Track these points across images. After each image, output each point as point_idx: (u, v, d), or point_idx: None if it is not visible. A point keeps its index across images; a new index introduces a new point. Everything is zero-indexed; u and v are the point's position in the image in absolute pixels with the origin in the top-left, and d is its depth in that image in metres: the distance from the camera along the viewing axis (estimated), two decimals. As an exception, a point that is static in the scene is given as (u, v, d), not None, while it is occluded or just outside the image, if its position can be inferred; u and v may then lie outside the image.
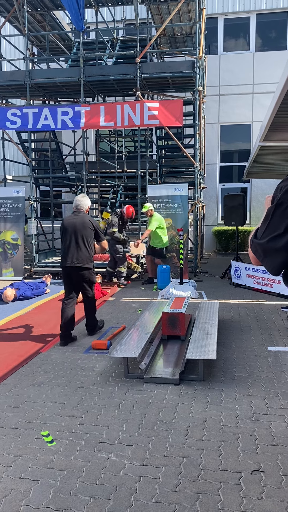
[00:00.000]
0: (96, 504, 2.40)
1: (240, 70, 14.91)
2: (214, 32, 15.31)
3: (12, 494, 2.50)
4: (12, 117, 10.11)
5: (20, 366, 4.54)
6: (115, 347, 4.37)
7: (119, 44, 13.36)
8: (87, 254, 5.34)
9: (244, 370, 4.35)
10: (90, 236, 5.39)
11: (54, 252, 12.32)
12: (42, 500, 2.44)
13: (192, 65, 9.87)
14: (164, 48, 13.34)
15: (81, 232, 5.33)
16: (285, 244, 1.52)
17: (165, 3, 11.06)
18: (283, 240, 1.53)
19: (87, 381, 4.12)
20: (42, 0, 11.14)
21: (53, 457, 2.87)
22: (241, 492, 2.48)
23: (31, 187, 10.73)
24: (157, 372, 4.21)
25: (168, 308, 5.28)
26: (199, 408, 3.52)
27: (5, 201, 10.46)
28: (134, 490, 2.51)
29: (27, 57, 10.49)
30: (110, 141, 14.43)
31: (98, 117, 9.79)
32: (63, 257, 5.35)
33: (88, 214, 5.68)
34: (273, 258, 1.59)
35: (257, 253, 1.64)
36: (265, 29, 15.21)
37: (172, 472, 2.68)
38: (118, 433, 3.15)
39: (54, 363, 4.64)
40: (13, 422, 3.34)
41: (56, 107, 10.10)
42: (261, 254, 1.63)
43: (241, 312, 6.75)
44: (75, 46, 13.20)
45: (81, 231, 5.33)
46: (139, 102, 9.70)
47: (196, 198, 10.44)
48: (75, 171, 13.85)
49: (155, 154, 14.06)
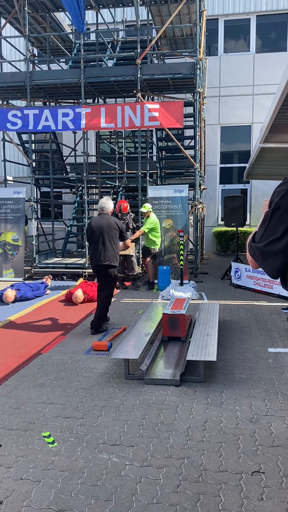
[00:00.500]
0: (97, 505, 2.41)
1: (240, 71, 14.93)
2: (215, 34, 15.33)
3: (13, 495, 2.51)
4: (13, 118, 10.12)
5: (21, 367, 4.55)
6: (115, 348, 4.38)
7: (119, 46, 13.38)
8: (113, 253, 5.75)
9: (244, 371, 4.36)
10: (116, 236, 5.80)
11: (54, 253, 12.34)
12: (44, 501, 2.45)
13: (192, 66, 9.89)
14: (164, 49, 13.36)
15: (108, 232, 5.73)
16: (283, 248, 1.55)
17: (165, 5, 11.09)
18: (281, 244, 1.56)
19: (88, 382, 4.13)
20: (43, 2, 11.16)
21: (55, 458, 2.88)
22: (241, 493, 2.49)
23: (32, 188, 10.75)
24: (158, 373, 4.23)
25: (169, 309, 5.29)
26: (200, 410, 3.53)
27: (5, 202, 10.47)
28: (135, 491, 2.52)
29: (27, 59, 10.51)
30: (110, 142, 14.45)
31: (99, 118, 9.80)
32: (93, 256, 5.78)
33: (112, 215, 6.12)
34: (271, 261, 1.62)
35: (255, 257, 1.67)
36: (265, 30, 15.24)
37: (173, 473, 2.69)
38: (119, 434, 3.17)
39: (55, 364, 4.65)
40: (14, 423, 3.35)
41: (57, 108, 10.11)
42: (259, 257, 1.65)
43: (241, 313, 6.76)
44: (75, 47, 13.22)
45: (108, 232, 5.73)
46: (139, 103, 9.72)
47: (196, 199, 10.45)
48: (75, 172, 13.88)
49: (156, 155, 14.09)
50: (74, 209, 13.19)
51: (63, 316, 6.74)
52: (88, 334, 5.75)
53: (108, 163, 13.38)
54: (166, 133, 10.73)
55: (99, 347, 5.07)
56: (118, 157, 14.15)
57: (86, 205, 10.52)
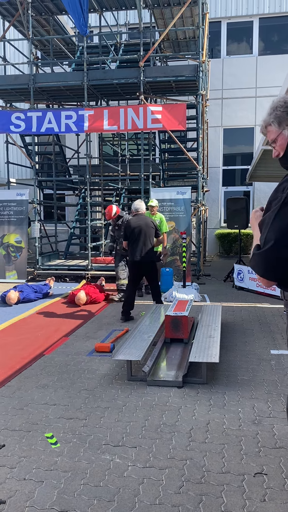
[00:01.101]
0: (100, 506, 2.42)
1: (243, 73, 14.95)
2: (217, 36, 15.37)
3: (16, 495, 2.52)
4: (16, 120, 10.17)
5: (24, 369, 4.57)
6: (118, 349, 4.39)
7: (122, 48, 13.43)
8: (152, 250, 6.56)
9: (247, 373, 4.36)
10: (153, 234, 6.55)
11: (57, 255, 12.36)
12: (47, 501, 2.46)
13: (195, 69, 9.92)
14: (167, 52, 13.40)
15: (146, 231, 6.45)
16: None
17: (168, 8, 11.13)
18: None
19: (90, 384, 4.14)
20: (46, 5, 11.22)
21: (57, 458, 2.89)
22: (244, 494, 2.49)
23: (35, 190, 10.79)
24: (160, 375, 4.23)
25: (171, 311, 5.30)
26: (202, 411, 3.53)
27: (9, 204, 10.51)
28: (137, 492, 2.53)
29: (31, 61, 10.56)
30: (113, 145, 14.49)
31: (102, 120, 9.84)
32: (133, 253, 6.42)
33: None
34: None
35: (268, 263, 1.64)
36: (268, 33, 15.26)
37: (176, 474, 2.69)
38: (121, 435, 3.17)
39: (57, 365, 4.66)
40: (17, 424, 3.37)
41: (60, 111, 10.15)
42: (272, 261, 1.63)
43: (244, 315, 6.76)
44: (78, 50, 13.28)
45: (146, 231, 6.45)
46: (142, 106, 9.75)
47: (199, 201, 10.47)
48: (78, 174, 13.90)
49: (158, 158, 14.11)
50: (77, 211, 13.22)
51: (66, 318, 6.76)
52: (90, 335, 5.77)
53: (111, 165, 13.41)
54: (169, 135, 10.75)
55: (102, 348, 5.08)
56: (121, 159, 14.19)
57: (89, 207, 10.55)
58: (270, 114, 1.87)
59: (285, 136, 1.83)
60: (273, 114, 1.85)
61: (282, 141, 1.85)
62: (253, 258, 1.71)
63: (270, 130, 1.88)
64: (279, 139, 1.85)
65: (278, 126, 1.84)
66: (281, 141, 1.85)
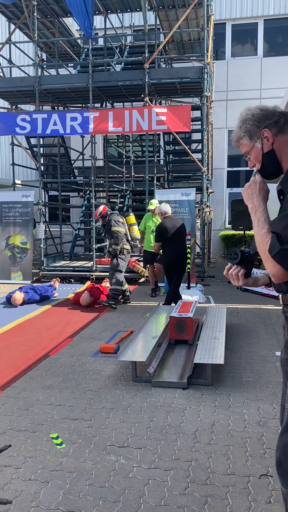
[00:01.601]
0: (105, 506, 2.42)
1: (247, 75, 14.94)
2: (222, 38, 15.37)
3: (22, 495, 2.53)
4: (22, 122, 10.22)
5: (29, 369, 4.58)
6: (123, 351, 4.40)
7: (127, 50, 13.47)
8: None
9: (252, 374, 4.36)
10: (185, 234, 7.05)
11: (62, 256, 12.40)
12: (52, 502, 2.47)
13: (200, 70, 9.93)
14: (172, 54, 13.42)
15: (182, 231, 6.89)
16: None
17: (173, 10, 11.15)
18: None
19: (95, 385, 4.15)
20: (52, 7, 11.28)
21: (63, 459, 2.90)
22: (249, 496, 2.49)
23: (40, 192, 10.83)
24: (165, 376, 4.24)
25: (176, 312, 5.30)
26: (207, 412, 3.53)
27: (14, 205, 10.56)
28: (143, 493, 2.53)
29: (36, 63, 10.62)
30: (118, 146, 14.52)
31: (107, 122, 9.87)
32: (173, 252, 6.72)
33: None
34: None
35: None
36: (272, 34, 15.25)
37: (181, 475, 2.69)
38: (126, 436, 3.18)
39: (62, 366, 4.68)
40: (23, 424, 3.38)
41: (65, 113, 10.19)
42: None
43: (249, 317, 6.75)
44: (84, 52, 13.33)
45: (182, 231, 6.90)
46: (147, 107, 9.77)
47: (203, 203, 10.47)
48: (83, 176, 13.96)
49: (163, 159, 14.12)
50: (82, 212, 13.26)
51: (71, 319, 6.77)
52: (95, 336, 5.78)
53: (116, 167, 13.44)
54: (174, 137, 10.76)
55: (107, 349, 5.09)
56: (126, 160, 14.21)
57: (94, 209, 10.56)
58: (240, 128, 1.83)
59: (258, 148, 1.80)
60: (243, 127, 1.82)
61: (255, 154, 1.82)
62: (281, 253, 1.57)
63: (242, 143, 1.85)
64: (252, 152, 1.83)
65: (250, 139, 1.81)
66: (255, 154, 1.82)
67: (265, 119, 1.77)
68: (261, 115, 1.78)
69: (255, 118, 1.78)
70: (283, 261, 1.57)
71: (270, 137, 1.76)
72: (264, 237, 1.67)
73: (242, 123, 1.82)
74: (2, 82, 11.04)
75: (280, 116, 1.77)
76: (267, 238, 1.64)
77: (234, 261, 1.89)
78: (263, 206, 1.77)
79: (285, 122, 1.77)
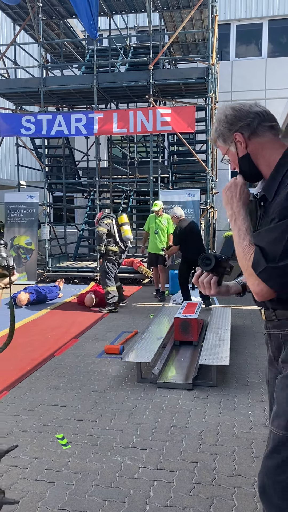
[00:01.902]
0: (111, 507, 2.43)
1: (252, 76, 14.91)
2: (227, 38, 15.36)
3: (28, 496, 2.54)
4: (27, 123, 10.25)
5: (34, 370, 4.60)
6: (127, 352, 4.41)
7: (132, 51, 13.49)
8: None
9: (257, 376, 4.35)
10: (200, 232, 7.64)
11: (67, 257, 12.42)
12: (58, 502, 2.48)
13: (204, 71, 9.92)
14: (176, 54, 13.42)
15: (198, 231, 7.43)
16: None
17: (178, 11, 11.16)
18: None
19: (100, 385, 4.16)
20: (57, 9, 11.31)
21: (68, 459, 2.91)
22: (255, 497, 2.49)
23: (45, 193, 10.86)
24: (170, 377, 4.24)
25: (181, 313, 5.30)
26: (212, 414, 3.53)
27: (19, 206, 10.59)
28: (148, 494, 2.54)
29: (41, 65, 10.65)
30: (122, 147, 14.54)
31: (111, 123, 9.88)
32: (192, 253, 6.91)
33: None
34: None
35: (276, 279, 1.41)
36: (277, 35, 15.22)
37: (186, 476, 2.70)
38: (132, 437, 3.18)
39: (67, 367, 4.69)
40: (28, 424, 3.39)
41: (70, 114, 10.22)
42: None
43: (254, 318, 6.74)
44: (88, 53, 13.36)
45: (198, 230, 7.42)
46: (151, 108, 9.78)
47: (208, 204, 10.46)
48: (87, 177, 13.98)
49: (167, 160, 14.12)
50: (86, 213, 13.29)
51: (75, 319, 6.79)
52: (100, 337, 5.79)
53: (120, 168, 13.46)
54: (178, 137, 10.76)
55: (111, 350, 5.09)
56: (130, 161, 14.23)
57: (98, 210, 10.58)
58: (216, 130, 1.68)
59: (233, 152, 1.65)
60: (217, 129, 1.66)
61: (232, 158, 1.68)
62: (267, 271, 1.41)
63: (219, 145, 1.71)
64: (229, 155, 1.69)
65: (224, 143, 1.67)
66: (232, 157, 1.68)
67: (238, 121, 1.60)
68: (233, 116, 1.61)
69: (228, 120, 1.62)
70: (268, 279, 1.43)
71: (242, 141, 1.60)
72: (246, 251, 1.54)
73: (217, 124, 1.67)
74: (7, 83, 11.09)
75: (254, 118, 1.59)
76: (250, 252, 1.50)
77: (207, 267, 1.72)
78: (244, 214, 1.62)
79: (259, 123, 1.59)
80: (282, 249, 1.38)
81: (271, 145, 1.60)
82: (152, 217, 8.61)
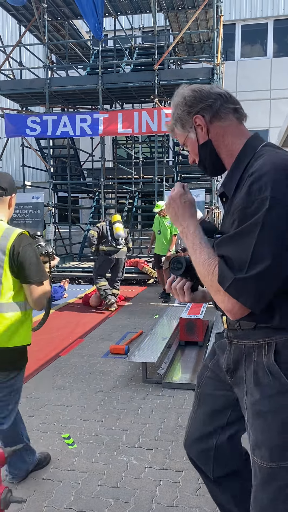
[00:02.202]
0: (117, 506, 2.44)
1: (257, 76, 14.90)
2: (232, 39, 15.35)
3: (35, 495, 2.55)
4: (32, 124, 10.29)
5: (40, 370, 4.62)
6: (133, 352, 4.41)
7: (137, 52, 13.51)
8: None
9: (262, 376, 4.34)
10: None
11: (72, 257, 12.45)
12: (64, 501, 2.49)
13: (209, 71, 9.92)
14: (181, 55, 13.43)
15: None
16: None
17: (183, 11, 11.16)
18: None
19: (106, 385, 4.16)
20: (62, 10, 11.34)
21: (75, 459, 2.92)
22: (261, 498, 2.48)
23: (50, 193, 10.89)
24: (175, 377, 4.24)
25: (186, 313, 5.30)
26: (218, 414, 3.52)
27: (24, 206, 10.63)
28: (154, 494, 2.54)
29: (46, 65, 10.68)
30: (127, 147, 14.56)
31: (116, 124, 9.90)
32: None
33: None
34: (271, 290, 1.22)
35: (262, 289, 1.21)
36: (282, 34, 15.19)
37: (192, 476, 2.70)
38: (137, 437, 3.19)
39: (73, 367, 4.70)
40: (34, 424, 3.41)
41: (75, 115, 10.25)
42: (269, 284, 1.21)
43: (259, 319, 6.72)
44: (93, 54, 13.39)
45: None
46: (156, 108, 9.79)
47: (212, 204, 10.46)
48: (92, 177, 14.00)
49: (172, 160, 14.14)
50: (91, 213, 13.31)
51: (81, 320, 6.80)
52: (105, 337, 5.80)
53: (125, 168, 13.48)
54: (183, 138, 10.74)
55: (117, 350, 5.10)
56: (135, 162, 14.25)
57: (103, 210, 10.61)
58: (173, 115, 1.51)
59: (192, 140, 1.48)
60: (175, 114, 1.50)
61: (191, 146, 1.50)
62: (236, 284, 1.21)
63: (176, 133, 1.54)
64: (188, 144, 1.51)
65: (182, 128, 1.49)
66: (191, 146, 1.50)
67: (198, 102, 1.44)
68: (193, 97, 1.45)
69: (186, 102, 1.45)
70: (239, 294, 1.22)
71: (203, 125, 1.44)
72: (207, 266, 1.32)
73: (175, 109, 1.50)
74: (12, 84, 11.14)
75: (216, 98, 1.44)
76: (212, 266, 1.30)
77: (178, 271, 1.53)
78: (194, 226, 1.41)
79: (221, 105, 1.44)
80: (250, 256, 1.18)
81: (235, 131, 1.45)
82: (157, 217, 8.63)
